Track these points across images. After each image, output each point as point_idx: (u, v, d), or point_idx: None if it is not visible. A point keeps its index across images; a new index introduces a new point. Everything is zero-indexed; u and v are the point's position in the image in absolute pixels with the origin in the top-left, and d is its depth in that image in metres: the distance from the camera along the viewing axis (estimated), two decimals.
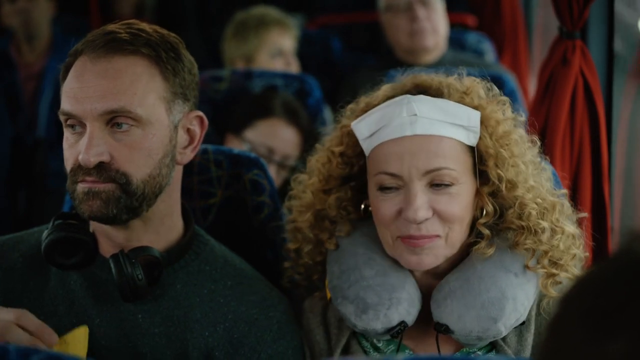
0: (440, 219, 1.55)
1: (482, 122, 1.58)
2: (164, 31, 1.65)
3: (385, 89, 1.66)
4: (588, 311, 0.79)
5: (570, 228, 1.61)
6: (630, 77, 2.40)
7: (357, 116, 1.63)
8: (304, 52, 3.70)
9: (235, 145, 2.66)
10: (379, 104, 1.62)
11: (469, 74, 1.67)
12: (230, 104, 2.80)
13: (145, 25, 1.63)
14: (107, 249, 1.65)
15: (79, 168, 1.56)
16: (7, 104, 3.97)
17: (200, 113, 1.67)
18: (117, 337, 1.62)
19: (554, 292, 1.58)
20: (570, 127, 2.16)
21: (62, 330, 1.63)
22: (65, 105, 1.57)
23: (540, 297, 1.61)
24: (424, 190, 1.55)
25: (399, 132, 1.56)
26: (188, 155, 1.66)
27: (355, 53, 4.27)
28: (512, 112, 1.65)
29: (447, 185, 1.55)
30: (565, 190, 1.70)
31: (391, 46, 3.55)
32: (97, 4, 4.76)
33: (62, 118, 1.59)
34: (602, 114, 2.16)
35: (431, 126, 1.55)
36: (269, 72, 3.00)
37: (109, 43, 1.57)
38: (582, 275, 0.84)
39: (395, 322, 1.58)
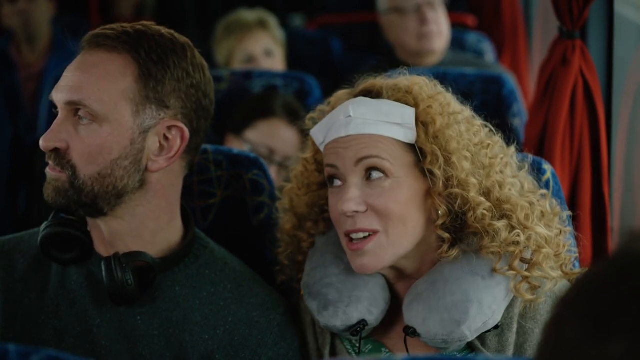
0: (376, 214, 1.57)
1: (417, 119, 1.59)
2: (175, 35, 1.65)
3: (337, 94, 1.70)
4: (588, 311, 0.79)
5: (541, 229, 1.59)
6: (630, 77, 2.39)
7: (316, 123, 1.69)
8: (304, 52, 3.70)
9: (236, 146, 2.66)
10: (331, 110, 1.67)
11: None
12: (230, 104, 2.80)
13: (150, 26, 1.64)
14: (101, 248, 1.65)
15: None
16: (7, 104, 3.96)
17: (183, 126, 1.62)
18: (117, 338, 1.63)
19: (527, 296, 1.56)
20: (570, 127, 2.16)
21: (63, 330, 1.63)
22: (51, 93, 1.63)
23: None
24: (358, 184, 1.58)
25: (336, 133, 1.61)
26: (160, 164, 1.62)
27: (355, 53, 4.27)
28: (471, 109, 1.65)
29: (381, 179, 1.57)
30: (544, 191, 1.68)
31: (392, 46, 3.54)
32: (97, 4, 4.77)
33: None
34: (602, 114, 2.16)
35: (365, 126, 1.59)
36: (269, 72, 3.01)
37: (94, 38, 1.61)
38: (582, 275, 0.84)
39: (354, 320, 1.58)
